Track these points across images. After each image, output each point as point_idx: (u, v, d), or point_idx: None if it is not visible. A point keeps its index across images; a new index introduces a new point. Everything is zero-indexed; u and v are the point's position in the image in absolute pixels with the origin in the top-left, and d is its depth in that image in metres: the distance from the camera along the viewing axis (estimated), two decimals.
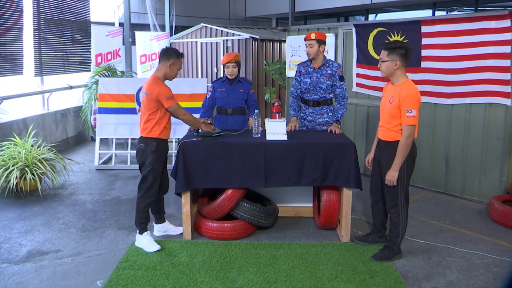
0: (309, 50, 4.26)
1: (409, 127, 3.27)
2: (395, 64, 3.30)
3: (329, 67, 4.31)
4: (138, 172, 5.86)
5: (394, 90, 3.37)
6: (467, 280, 3.26)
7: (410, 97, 3.25)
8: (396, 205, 3.45)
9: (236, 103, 4.49)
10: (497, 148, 4.73)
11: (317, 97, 4.37)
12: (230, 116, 4.50)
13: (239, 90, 4.49)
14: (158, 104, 3.58)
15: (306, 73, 4.38)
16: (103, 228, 4.18)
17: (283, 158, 3.76)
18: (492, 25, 4.55)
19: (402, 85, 3.33)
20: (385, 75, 3.42)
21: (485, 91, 4.70)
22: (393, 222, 3.51)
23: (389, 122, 3.40)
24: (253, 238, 3.92)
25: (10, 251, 3.69)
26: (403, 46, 3.33)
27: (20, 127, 6.26)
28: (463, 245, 3.83)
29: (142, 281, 3.16)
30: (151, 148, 3.62)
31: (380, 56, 3.41)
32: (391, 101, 3.35)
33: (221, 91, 4.50)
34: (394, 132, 3.38)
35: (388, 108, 3.39)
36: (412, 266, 3.46)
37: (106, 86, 6.40)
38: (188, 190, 3.83)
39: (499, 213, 4.29)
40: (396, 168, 3.34)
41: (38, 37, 7.21)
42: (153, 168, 3.65)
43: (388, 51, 3.33)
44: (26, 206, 4.73)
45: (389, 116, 3.39)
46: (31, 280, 3.21)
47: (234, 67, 4.44)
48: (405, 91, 3.27)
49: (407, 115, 3.25)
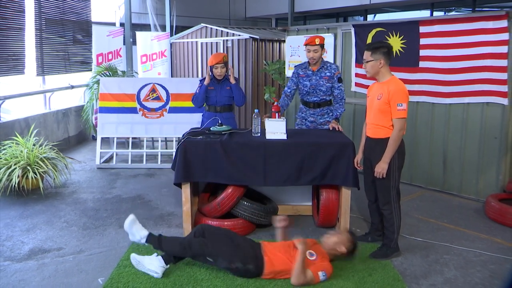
0: (314, 55, 4.26)
1: (400, 120, 3.31)
2: (380, 63, 3.35)
3: (327, 69, 4.33)
4: (139, 171, 5.89)
5: (381, 87, 3.40)
6: (463, 277, 3.27)
7: (399, 92, 3.30)
8: (389, 202, 3.47)
9: (224, 101, 4.65)
10: (494, 147, 4.74)
11: (318, 99, 4.40)
12: (218, 113, 4.62)
13: (226, 88, 4.64)
14: None
15: (305, 76, 4.39)
16: (104, 226, 4.19)
17: (282, 157, 3.76)
18: (490, 26, 4.55)
19: (389, 82, 3.37)
20: (371, 75, 3.46)
21: (483, 90, 4.71)
22: (387, 219, 3.53)
23: (379, 119, 3.41)
24: (253, 236, 3.92)
25: (13, 249, 3.69)
26: (385, 45, 3.42)
27: (22, 126, 6.26)
28: (460, 243, 3.84)
29: (142, 279, 3.16)
30: None
31: (364, 57, 3.44)
32: (380, 98, 3.37)
33: (211, 90, 4.64)
34: (385, 129, 3.38)
35: (376, 105, 3.40)
36: (410, 264, 3.47)
37: (107, 86, 6.40)
38: (187, 182, 3.83)
39: (496, 211, 4.29)
40: (386, 161, 3.36)
41: (40, 37, 7.21)
42: None
43: (371, 51, 3.38)
44: (28, 204, 4.73)
45: (378, 113, 3.40)
46: (33, 278, 3.22)
47: (223, 67, 4.53)
48: (393, 86, 3.32)
49: (398, 109, 3.29)
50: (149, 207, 4.72)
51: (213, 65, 4.50)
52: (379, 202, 3.57)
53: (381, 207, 3.55)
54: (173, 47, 9.84)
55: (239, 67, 8.30)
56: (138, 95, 6.35)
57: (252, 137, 3.96)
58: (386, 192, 3.47)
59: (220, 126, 4.11)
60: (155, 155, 6.65)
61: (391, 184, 3.45)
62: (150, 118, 6.36)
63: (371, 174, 3.55)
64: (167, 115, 6.36)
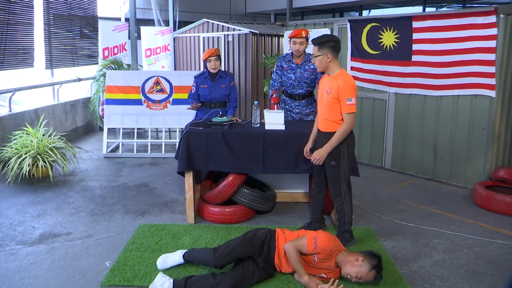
0: (299, 47, 4.17)
1: (350, 115, 3.19)
2: (327, 57, 3.22)
3: (311, 62, 4.25)
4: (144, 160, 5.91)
5: (330, 81, 3.27)
6: (451, 259, 3.30)
7: (348, 87, 3.17)
8: (339, 195, 3.39)
9: (219, 99, 4.52)
10: (482, 137, 4.74)
11: (303, 91, 4.35)
12: (213, 110, 4.51)
13: (221, 86, 4.47)
14: None
15: (290, 69, 4.32)
16: (111, 212, 4.20)
17: (280, 147, 3.76)
18: (479, 21, 4.52)
19: (338, 76, 3.24)
20: (321, 70, 3.32)
21: (472, 83, 4.70)
22: (339, 211, 3.46)
23: (328, 113, 3.30)
24: (252, 222, 3.95)
25: (24, 233, 3.71)
26: (332, 39, 3.24)
27: (32, 117, 6.25)
28: (448, 228, 3.87)
29: (148, 262, 3.19)
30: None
31: (312, 52, 3.27)
32: (329, 92, 3.25)
33: (204, 87, 4.47)
34: (335, 123, 3.28)
35: (326, 99, 3.29)
36: (401, 248, 3.49)
37: (113, 79, 6.37)
38: (190, 170, 3.84)
39: (482, 197, 4.32)
40: (327, 149, 3.27)
41: (48, 31, 7.16)
42: None
43: (318, 46, 3.23)
44: (38, 191, 4.75)
45: (327, 107, 3.29)
46: (44, 261, 3.24)
47: (216, 60, 4.41)
48: (342, 81, 3.18)
49: (347, 103, 3.16)
50: (154, 194, 4.73)
51: (206, 59, 4.41)
52: (331, 194, 3.47)
53: (332, 198, 3.46)
54: (176, 41, 9.78)
55: (240, 60, 8.26)
56: (143, 87, 6.33)
57: (252, 127, 3.95)
58: (337, 184, 3.38)
59: (221, 117, 4.11)
60: (159, 145, 6.65)
61: (341, 176, 3.35)
62: (154, 109, 6.35)
63: (319, 166, 3.45)
64: (171, 106, 6.35)
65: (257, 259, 2.98)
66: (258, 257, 2.98)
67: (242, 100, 8.25)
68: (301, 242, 2.91)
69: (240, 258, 2.97)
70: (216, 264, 2.96)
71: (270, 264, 3.00)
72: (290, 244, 2.93)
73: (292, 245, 2.92)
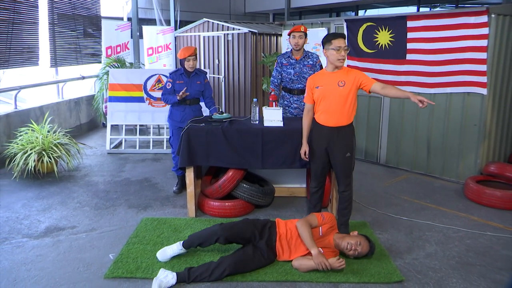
0: (299, 41, 4.18)
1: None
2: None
3: (310, 58, 4.29)
4: (146, 156, 5.89)
5: (339, 75, 3.23)
6: (443, 251, 3.32)
7: (361, 72, 3.28)
8: (350, 184, 3.42)
9: (194, 95, 4.45)
10: (474, 134, 4.75)
11: (301, 86, 4.35)
12: (188, 106, 4.44)
13: (196, 82, 4.42)
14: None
15: (289, 64, 4.33)
16: (114, 207, 4.21)
17: (279, 143, 3.76)
18: (471, 21, 4.52)
19: (345, 69, 3.28)
20: (344, 62, 3.27)
21: (464, 81, 4.70)
22: (348, 200, 3.44)
23: (342, 106, 3.23)
24: (252, 216, 3.94)
25: (30, 227, 3.72)
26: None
27: (37, 114, 6.24)
28: (441, 221, 3.88)
29: (150, 255, 3.20)
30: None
31: (341, 45, 3.17)
32: (342, 84, 3.20)
33: (180, 83, 4.38)
34: (347, 116, 3.27)
35: (340, 92, 3.20)
36: (395, 240, 3.51)
37: (116, 77, 6.36)
38: (191, 166, 3.84)
39: (474, 192, 4.33)
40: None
41: (53, 31, 7.14)
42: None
43: (344, 38, 3.22)
44: (43, 186, 4.75)
45: (340, 99, 3.21)
46: (49, 253, 3.25)
47: (194, 60, 4.34)
48: (353, 71, 3.27)
49: (370, 78, 3.23)
50: (156, 189, 4.73)
51: (185, 58, 4.30)
52: (342, 186, 3.41)
53: (343, 189, 3.41)
54: (177, 40, 9.75)
55: (239, 59, 8.25)
56: (145, 85, 6.32)
57: (251, 124, 3.95)
58: (349, 176, 3.40)
59: (221, 114, 4.10)
60: (161, 141, 6.65)
61: (351, 167, 3.42)
62: (156, 106, 6.34)
63: (326, 162, 3.43)
64: None
65: (259, 242, 3.06)
66: (260, 240, 3.07)
67: (242, 97, 8.24)
68: (312, 217, 3.16)
69: (242, 237, 3.06)
70: (220, 234, 3.01)
71: (271, 249, 3.07)
72: (301, 220, 3.11)
73: (303, 221, 3.10)
